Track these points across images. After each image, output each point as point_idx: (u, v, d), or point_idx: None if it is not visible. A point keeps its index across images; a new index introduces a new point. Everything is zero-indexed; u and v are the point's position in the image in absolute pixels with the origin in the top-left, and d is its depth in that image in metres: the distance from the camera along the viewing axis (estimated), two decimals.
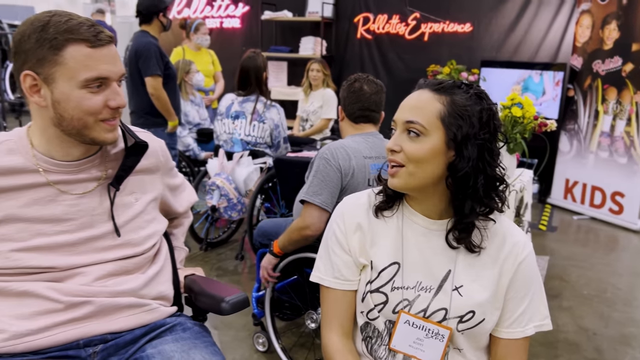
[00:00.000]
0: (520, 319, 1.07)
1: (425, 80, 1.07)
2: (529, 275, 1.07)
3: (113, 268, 1.14)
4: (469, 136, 1.00)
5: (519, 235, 1.09)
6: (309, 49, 5.83)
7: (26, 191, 1.08)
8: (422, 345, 1.05)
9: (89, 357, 1.08)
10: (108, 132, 1.10)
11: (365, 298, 1.09)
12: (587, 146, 4.54)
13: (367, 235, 1.11)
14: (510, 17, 5.14)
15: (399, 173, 1.03)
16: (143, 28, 3.35)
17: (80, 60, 1.03)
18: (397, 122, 1.05)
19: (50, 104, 1.06)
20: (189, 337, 1.15)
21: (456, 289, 1.05)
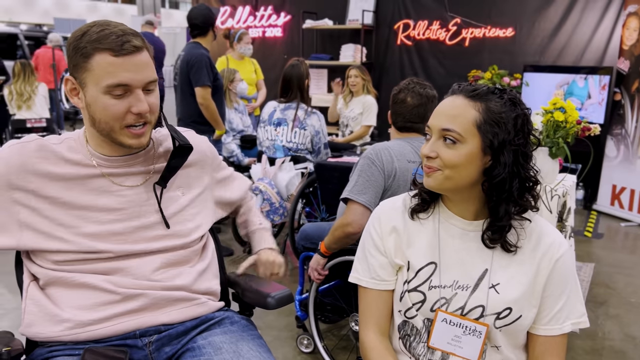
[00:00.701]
0: (558, 316, 1.09)
1: (459, 86, 1.10)
2: (566, 273, 1.09)
3: (163, 260, 1.21)
4: (505, 143, 1.03)
5: (555, 234, 1.11)
6: (349, 56, 5.90)
7: (83, 181, 1.18)
8: (460, 342, 1.09)
9: (145, 347, 1.16)
10: (132, 139, 1.17)
11: (403, 297, 1.13)
12: (635, 151, 4.41)
13: (402, 236, 1.15)
14: (554, 20, 5.06)
15: (434, 174, 1.07)
16: (197, 40, 3.48)
17: (104, 67, 1.10)
18: (432, 128, 1.08)
19: (85, 106, 1.16)
20: (236, 330, 1.21)
21: (493, 287, 1.08)
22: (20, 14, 23.50)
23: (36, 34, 10.08)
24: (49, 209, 1.15)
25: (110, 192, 1.20)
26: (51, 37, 8.49)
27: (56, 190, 1.16)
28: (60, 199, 1.16)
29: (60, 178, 1.17)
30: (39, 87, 5.77)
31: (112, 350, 1.09)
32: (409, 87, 2.02)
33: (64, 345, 1.13)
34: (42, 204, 1.15)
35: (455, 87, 1.10)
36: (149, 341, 1.16)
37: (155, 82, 1.19)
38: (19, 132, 5.49)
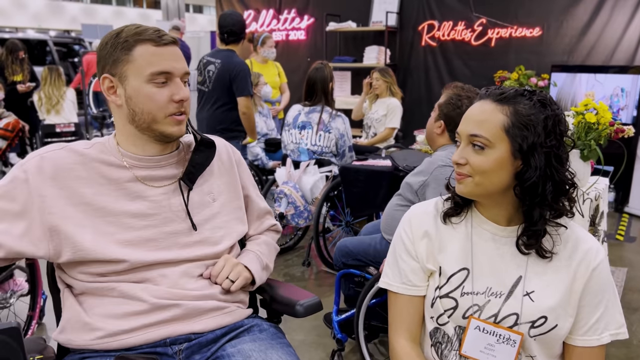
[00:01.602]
0: (596, 326, 1.06)
1: (487, 91, 1.08)
2: (603, 282, 1.06)
3: (195, 269, 1.22)
4: (535, 145, 1.00)
5: (592, 241, 1.08)
6: (373, 58, 5.87)
7: (115, 185, 1.19)
8: (494, 350, 1.06)
9: (175, 355, 1.16)
10: (174, 126, 1.20)
11: (435, 303, 1.11)
12: None
13: (434, 241, 1.13)
14: (582, 19, 4.96)
15: (466, 181, 1.06)
16: (231, 47, 3.50)
17: (146, 57, 1.15)
18: (461, 135, 1.08)
19: (124, 102, 1.18)
20: (265, 338, 1.21)
21: (527, 295, 1.05)
22: (49, 20, 24.07)
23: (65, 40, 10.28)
24: (82, 217, 1.15)
25: (143, 197, 1.20)
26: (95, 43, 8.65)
27: (90, 196, 1.17)
28: (95, 204, 1.17)
29: (92, 182, 1.18)
30: (67, 92, 5.88)
31: (142, 357, 1.09)
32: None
33: (95, 352, 1.14)
34: (76, 212, 1.15)
35: (483, 92, 1.09)
36: (179, 349, 1.16)
37: (189, 75, 1.23)
38: (48, 136, 5.61)
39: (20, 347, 0.83)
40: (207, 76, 3.63)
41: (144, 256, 1.17)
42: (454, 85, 2.07)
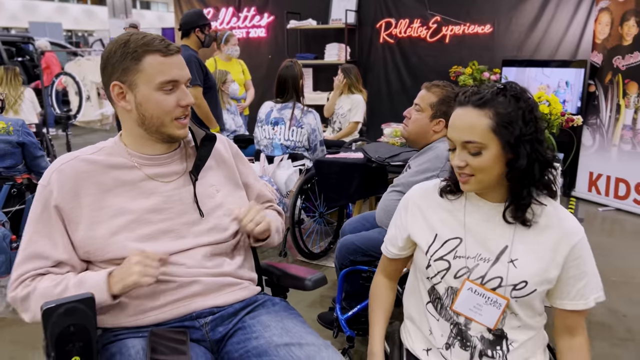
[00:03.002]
0: (582, 292, 1.23)
1: (465, 97, 1.21)
2: (584, 255, 1.23)
3: (208, 252, 1.34)
4: (520, 137, 1.16)
5: (573, 221, 1.25)
6: (334, 55, 6.04)
7: (130, 186, 1.30)
8: (481, 310, 1.23)
9: (202, 327, 1.29)
10: (180, 129, 1.32)
11: (430, 266, 1.28)
12: (609, 139, 4.66)
13: (431, 214, 1.32)
14: (529, 16, 5.29)
15: (470, 181, 1.22)
16: (183, 42, 3.62)
17: (155, 66, 1.25)
18: (454, 141, 1.22)
19: (134, 107, 1.28)
20: (279, 310, 1.35)
21: (512, 261, 1.22)
22: None
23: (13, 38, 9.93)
24: (106, 219, 1.26)
25: (156, 194, 1.32)
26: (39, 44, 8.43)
27: (109, 199, 1.27)
28: (114, 206, 1.27)
29: (109, 187, 1.28)
30: (25, 91, 5.76)
31: (173, 332, 1.21)
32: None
33: (127, 329, 1.25)
34: (101, 215, 1.26)
35: (462, 99, 1.22)
36: (205, 322, 1.29)
37: (190, 81, 1.34)
38: None
39: (93, 314, 0.95)
40: None
41: (165, 247, 1.28)
42: (441, 84, 2.18)
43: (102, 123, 7.43)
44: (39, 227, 1.25)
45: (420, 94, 2.22)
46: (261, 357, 1.20)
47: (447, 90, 2.15)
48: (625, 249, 3.74)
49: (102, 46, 11.30)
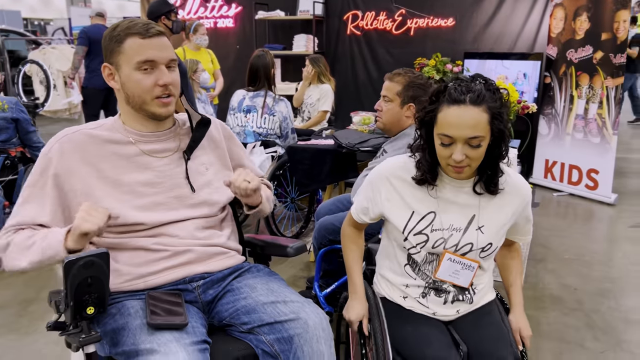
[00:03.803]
0: (524, 231, 1.53)
1: (459, 95, 1.30)
2: (529, 210, 1.50)
3: (198, 225, 1.45)
4: (504, 125, 1.32)
5: (523, 182, 1.47)
6: (302, 46, 6.14)
7: (126, 160, 1.40)
8: (459, 274, 1.43)
9: (194, 290, 1.40)
10: (161, 108, 1.40)
11: (408, 239, 1.43)
12: (563, 128, 4.94)
13: (406, 193, 1.45)
14: (489, 11, 5.51)
15: (465, 170, 1.35)
16: None
17: (134, 48, 1.35)
18: (456, 138, 1.30)
19: (120, 86, 1.39)
20: (263, 275, 1.47)
21: (479, 229, 1.42)
22: None
23: None
24: (103, 187, 1.35)
25: (150, 168, 1.41)
26: None
27: (106, 170, 1.37)
28: (111, 177, 1.37)
29: (107, 159, 1.38)
30: None
31: (169, 294, 1.32)
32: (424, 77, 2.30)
33: (124, 293, 1.35)
34: (99, 183, 1.36)
35: (457, 96, 1.30)
36: (197, 285, 1.40)
37: (176, 62, 1.43)
38: None
39: (107, 268, 1.05)
40: None
41: (158, 217, 1.39)
42: (402, 72, 2.30)
43: (70, 112, 7.32)
44: (34, 191, 1.35)
45: (386, 86, 2.33)
46: (250, 314, 1.32)
47: (409, 75, 2.29)
48: (576, 231, 4.00)
49: (64, 34, 11.06)
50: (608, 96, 4.51)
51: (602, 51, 4.50)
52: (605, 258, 3.52)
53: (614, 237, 3.93)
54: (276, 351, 1.25)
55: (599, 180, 4.68)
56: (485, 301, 1.53)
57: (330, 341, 1.29)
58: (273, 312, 1.29)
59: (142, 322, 1.22)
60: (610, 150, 4.56)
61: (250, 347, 1.30)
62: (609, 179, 4.63)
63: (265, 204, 1.59)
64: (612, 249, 3.70)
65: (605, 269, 3.33)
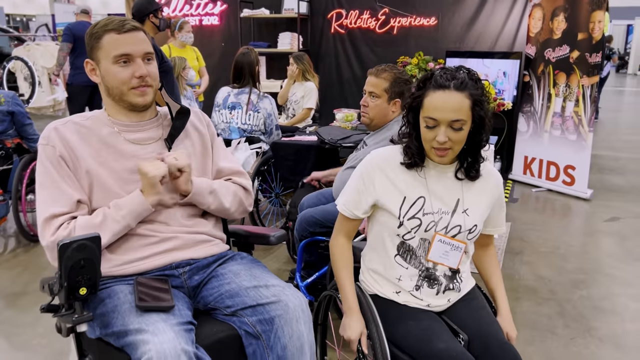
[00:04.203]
0: (498, 222, 1.62)
1: (444, 81, 1.40)
2: (503, 197, 1.59)
3: (185, 213, 1.52)
4: (484, 112, 1.41)
5: (497, 173, 1.59)
6: (287, 44, 6.21)
7: (113, 149, 1.47)
8: (448, 255, 1.51)
9: (180, 275, 1.47)
10: (138, 97, 1.48)
11: (403, 224, 1.50)
12: (542, 126, 5.07)
13: (397, 179, 1.52)
14: (470, 10, 5.63)
15: (447, 154, 1.44)
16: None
17: (111, 43, 1.44)
18: (440, 121, 1.39)
19: (101, 80, 1.47)
20: (247, 262, 1.55)
21: (464, 211, 1.51)
22: None
23: None
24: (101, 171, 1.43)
25: (136, 156, 1.48)
26: None
27: (95, 159, 1.44)
28: (100, 164, 1.44)
29: (96, 148, 1.45)
30: None
31: (156, 279, 1.39)
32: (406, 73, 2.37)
33: (114, 278, 1.41)
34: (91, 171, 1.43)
35: (442, 82, 1.40)
36: (183, 271, 1.48)
37: (153, 55, 1.51)
38: None
39: (99, 251, 1.12)
40: None
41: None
42: (387, 68, 2.37)
43: (54, 109, 7.30)
44: (52, 177, 1.41)
45: (372, 82, 2.38)
46: (233, 298, 1.39)
47: (395, 72, 2.37)
48: (553, 225, 4.13)
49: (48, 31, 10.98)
50: (584, 94, 4.65)
51: (579, 50, 4.63)
52: (580, 251, 3.64)
53: (589, 231, 4.06)
54: (258, 332, 1.32)
55: (575, 176, 4.82)
56: (468, 288, 1.62)
57: (309, 322, 1.36)
58: (255, 296, 1.37)
59: (131, 305, 1.29)
60: (587, 147, 4.70)
61: (233, 329, 1.37)
62: (585, 175, 4.77)
63: (207, 196, 1.55)
64: (586, 242, 3.83)
65: (580, 261, 3.45)
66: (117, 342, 1.25)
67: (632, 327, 2.63)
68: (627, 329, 2.61)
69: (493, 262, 1.69)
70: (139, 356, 1.15)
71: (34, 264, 3.36)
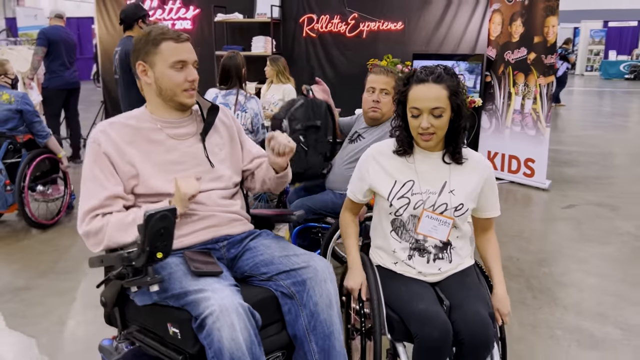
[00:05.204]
0: (492, 206, 1.82)
1: (423, 76, 1.67)
2: (493, 182, 1.80)
3: (219, 195, 1.74)
4: (460, 102, 1.68)
5: (485, 159, 1.82)
6: (260, 47, 6.43)
7: (157, 144, 1.68)
8: (437, 229, 1.74)
9: (220, 249, 1.69)
10: (188, 98, 1.71)
11: (393, 203, 1.75)
12: (503, 122, 5.46)
13: (389, 167, 1.78)
14: (435, 15, 5.99)
15: (432, 138, 1.69)
16: (128, 34, 3.89)
17: (169, 50, 1.65)
18: (422, 109, 1.65)
19: (153, 81, 1.68)
20: (274, 238, 1.77)
21: (451, 192, 1.75)
22: None
23: None
24: (143, 166, 1.63)
25: (176, 150, 1.70)
26: None
27: (142, 153, 1.64)
28: (146, 158, 1.64)
29: (141, 144, 1.65)
30: None
31: (200, 252, 1.60)
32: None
33: None
34: (136, 164, 1.63)
35: (422, 77, 1.67)
36: (222, 245, 1.70)
37: (197, 62, 1.73)
38: None
39: (174, 221, 1.33)
40: (115, 65, 3.97)
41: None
42: (389, 69, 2.67)
43: None
44: (94, 173, 1.60)
45: (384, 80, 2.64)
46: (268, 266, 1.62)
47: (395, 73, 2.68)
48: (517, 213, 4.51)
49: (8, 35, 10.81)
50: (541, 93, 5.06)
51: (535, 52, 5.04)
52: (542, 234, 4.02)
53: (548, 217, 4.45)
54: (292, 292, 1.56)
55: (535, 169, 5.22)
56: (465, 265, 1.82)
57: (334, 282, 1.60)
58: (288, 263, 1.60)
59: (184, 272, 1.49)
60: (544, 141, 5.11)
61: (270, 291, 1.59)
62: (543, 167, 5.18)
63: (289, 169, 1.85)
64: (547, 227, 4.22)
65: (542, 243, 3.82)
66: (176, 303, 1.45)
67: (589, 296, 2.99)
68: (585, 297, 2.97)
69: (491, 246, 1.87)
70: (202, 310, 1.36)
71: (35, 260, 3.47)
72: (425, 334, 1.55)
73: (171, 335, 1.47)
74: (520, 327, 2.64)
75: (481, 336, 1.57)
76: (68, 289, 3.07)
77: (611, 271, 3.33)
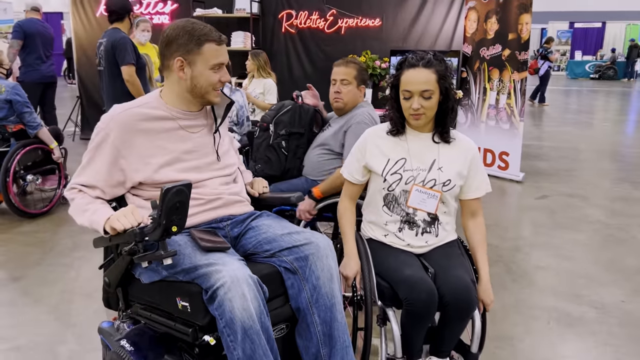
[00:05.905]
0: (478, 185, 1.92)
1: (414, 61, 1.79)
2: (478, 162, 1.91)
3: (222, 181, 1.80)
4: (448, 85, 1.79)
5: (470, 140, 1.93)
6: (240, 42, 6.45)
7: (170, 133, 1.73)
8: (425, 202, 1.85)
9: (224, 228, 1.75)
10: (217, 97, 1.77)
11: (386, 179, 1.86)
12: (478, 117, 5.63)
13: (383, 147, 1.89)
14: (412, 12, 6.12)
15: (421, 118, 1.80)
16: (115, 26, 3.88)
17: (211, 52, 1.70)
18: (413, 92, 1.77)
19: (189, 78, 1.71)
20: (275, 218, 1.84)
21: (439, 169, 1.86)
22: None
23: None
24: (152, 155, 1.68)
25: (189, 140, 1.75)
26: None
27: (153, 141, 1.68)
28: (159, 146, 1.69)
29: (154, 132, 1.69)
30: None
31: (206, 230, 1.66)
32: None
33: None
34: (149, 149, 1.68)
35: (413, 62, 1.79)
36: (226, 224, 1.75)
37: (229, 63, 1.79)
38: None
39: (189, 195, 1.38)
40: (100, 56, 3.96)
41: (196, 177, 1.73)
42: (351, 60, 2.77)
43: None
44: (92, 157, 1.67)
45: (343, 71, 2.73)
46: (271, 243, 1.68)
47: (357, 63, 2.78)
48: (494, 203, 4.66)
49: None
50: (515, 88, 5.23)
51: (509, 49, 5.21)
52: (518, 223, 4.18)
53: (523, 207, 4.62)
54: (295, 267, 1.63)
55: (509, 162, 5.40)
56: (449, 239, 1.94)
57: (335, 258, 1.68)
58: (290, 240, 1.67)
59: (192, 248, 1.55)
60: (518, 135, 5.29)
61: (273, 267, 1.66)
62: (517, 160, 5.36)
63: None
64: (522, 216, 4.38)
65: (518, 231, 3.97)
66: (186, 277, 1.50)
67: (565, 278, 3.15)
68: (562, 280, 3.12)
69: (478, 232, 1.96)
70: (213, 282, 1.42)
71: (21, 252, 3.45)
72: (413, 298, 1.68)
73: (180, 309, 1.52)
74: (502, 309, 2.76)
75: (464, 298, 1.70)
76: (56, 279, 3.07)
77: (584, 255, 3.50)
